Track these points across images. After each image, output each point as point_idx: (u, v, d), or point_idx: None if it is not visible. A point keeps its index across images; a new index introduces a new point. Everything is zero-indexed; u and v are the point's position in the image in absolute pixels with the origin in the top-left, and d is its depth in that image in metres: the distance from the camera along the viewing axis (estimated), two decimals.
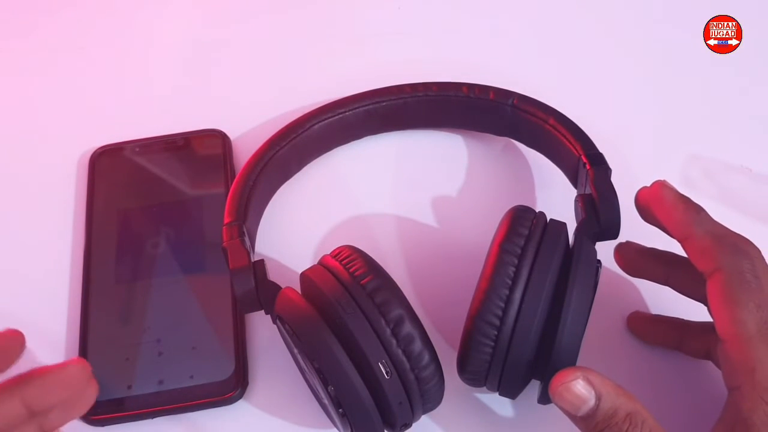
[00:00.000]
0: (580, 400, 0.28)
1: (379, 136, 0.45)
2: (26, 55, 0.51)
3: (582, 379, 0.28)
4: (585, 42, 0.51)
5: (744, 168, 0.44)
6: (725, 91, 0.48)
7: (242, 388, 0.36)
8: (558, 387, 0.29)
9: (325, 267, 0.31)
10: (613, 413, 0.28)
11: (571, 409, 0.29)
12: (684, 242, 0.32)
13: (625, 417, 0.28)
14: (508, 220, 0.32)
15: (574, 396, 0.28)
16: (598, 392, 0.28)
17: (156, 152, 0.45)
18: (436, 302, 0.39)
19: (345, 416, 0.29)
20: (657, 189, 0.33)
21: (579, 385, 0.28)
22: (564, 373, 0.29)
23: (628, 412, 0.28)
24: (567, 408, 0.29)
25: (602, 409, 0.28)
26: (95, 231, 0.41)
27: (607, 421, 0.28)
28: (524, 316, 0.30)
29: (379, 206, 0.43)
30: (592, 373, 0.29)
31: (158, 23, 0.53)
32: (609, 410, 0.28)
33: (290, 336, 0.30)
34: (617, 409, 0.28)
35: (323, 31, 0.52)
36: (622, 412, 0.28)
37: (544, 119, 0.39)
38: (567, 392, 0.29)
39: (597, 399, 0.28)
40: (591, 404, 0.28)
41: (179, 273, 0.40)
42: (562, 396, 0.29)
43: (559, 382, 0.29)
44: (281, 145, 0.40)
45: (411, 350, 0.29)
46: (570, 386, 0.28)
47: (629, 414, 0.28)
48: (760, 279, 0.29)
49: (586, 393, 0.28)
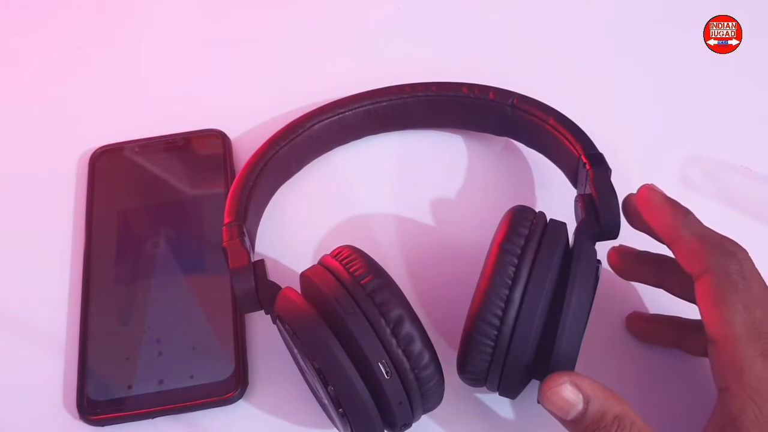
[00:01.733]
0: (568, 404, 0.29)
1: (379, 136, 0.45)
2: (25, 55, 0.51)
3: (570, 384, 0.29)
4: (585, 42, 0.51)
5: (744, 168, 0.44)
6: (725, 91, 0.48)
7: (242, 388, 0.36)
8: (546, 392, 0.29)
9: (325, 267, 0.31)
10: (601, 416, 0.29)
11: (560, 413, 0.29)
12: (672, 245, 0.32)
13: (613, 419, 0.28)
14: (507, 219, 0.32)
15: (562, 400, 0.29)
16: (586, 396, 0.29)
17: (156, 152, 0.45)
18: (436, 302, 0.39)
19: (345, 416, 0.29)
20: (644, 193, 0.33)
21: (567, 390, 0.29)
22: (552, 378, 0.29)
23: (616, 414, 0.29)
24: (556, 412, 0.29)
25: (590, 412, 0.29)
26: (95, 231, 0.41)
27: (595, 424, 0.29)
28: (524, 316, 0.30)
29: (379, 206, 0.43)
30: (580, 377, 0.29)
31: (158, 23, 0.53)
32: (597, 413, 0.29)
33: (290, 336, 0.30)
34: (605, 412, 0.29)
35: (323, 31, 0.52)
36: (610, 414, 0.29)
37: (544, 119, 0.39)
38: (555, 396, 0.29)
39: (585, 402, 0.29)
40: (579, 408, 0.29)
41: (179, 273, 0.40)
42: (551, 400, 0.29)
43: (547, 387, 0.29)
44: (281, 145, 0.40)
45: (411, 350, 0.29)
46: (558, 390, 0.29)
47: (617, 416, 0.28)
48: (747, 280, 0.29)
49: (574, 397, 0.29)
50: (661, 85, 0.49)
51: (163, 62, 0.51)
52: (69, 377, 0.37)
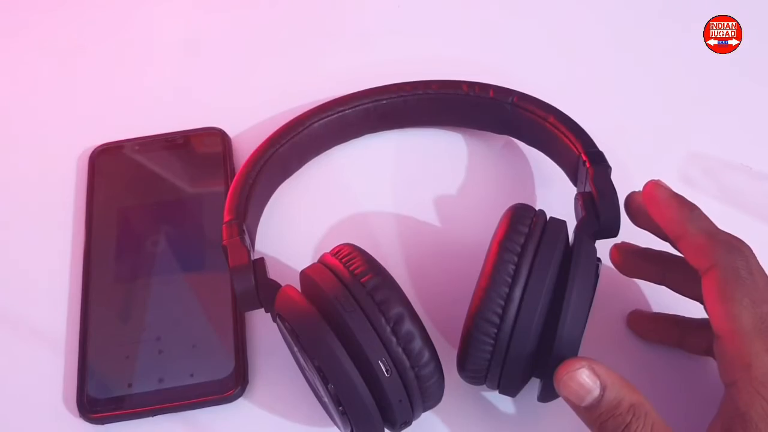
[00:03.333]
0: (585, 389, 0.28)
1: (379, 134, 0.45)
2: (24, 53, 0.51)
3: (587, 369, 0.28)
4: (585, 41, 0.51)
5: (744, 166, 0.44)
6: (725, 89, 0.48)
7: (242, 387, 0.36)
8: (563, 376, 0.29)
9: (325, 265, 0.31)
10: (617, 404, 0.28)
11: (575, 399, 0.29)
12: (678, 240, 0.32)
13: (628, 408, 0.28)
14: (507, 218, 0.32)
15: (579, 385, 0.28)
16: (603, 383, 0.28)
17: (156, 150, 0.44)
18: (436, 300, 0.39)
19: (345, 414, 0.29)
20: (650, 188, 0.33)
21: (584, 375, 0.28)
22: (569, 362, 0.29)
23: (632, 403, 0.28)
24: (571, 398, 0.29)
25: (606, 399, 0.28)
26: (95, 229, 0.41)
27: (610, 412, 0.28)
28: (524, 315, 0.30)
29: (379, 204, 0.43)
30: (598, 363, 0.29)
31: (158, 21, 0.53)
32: (613, 401, 0.28)
33: (290, 334, 0.30)
34: (621, 401, 0.28)
35: (323, 29, 0.52)
36: (625, 403, 0.28)
37: (544, 117, 0.39)
38: (572, 381, 0.28)
39: (601, 389, 0.28)
40: (595, 394, 0.28)
41: (179, 271, 0.40)
42: (567, 385, 0.29)
43: (564, 371, 0.29)
44: (281, 144, 0.40)
45: (411, 348, 0.29)
46: (575, 375, 0.28)
47: (633, 405, 0.28)
48: (754, 275, 0.29)
49: (591, 383, 0.28)
50: (661, 84, 0.49)
51: (163, 60, 0.51)
52: (69, 375, 0.37)
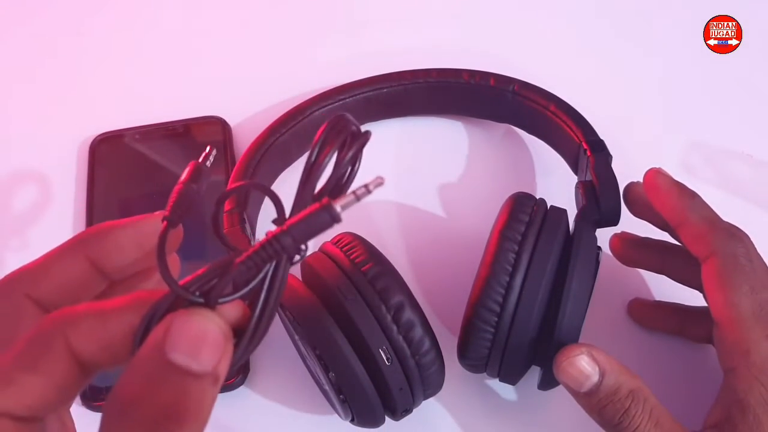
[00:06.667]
0: (584, 375, 0.28)
1: (380, 122, 0.45)
2: (25, 42, 0.51)
3: (586, 355, 0.29)
4: (587, 30, 0.51)
5: (745, 154, 0.44)
6: (725, 90, 0.48)
7: (243, 375, 0.36)
8: (562, 362, 0.29)
9: (326, 254, 0.31)
10: (616, 390, 0.28)
11: (575, 385, 0.29)
12: (679, 228, 0.32)
13: (627, 394, 0.28)
14: (508, 207, 0.32)
15: (578, 371, 0.28)
16: (602, 369, 0.28)
17: (156, 139, 0.44)
18: (437, 289, 0.39)
19: (346, 402, 0.29)
20: (651, 176, 0.33)
21: (583, 361, 0.28)
22: (569, 348, 0.29)
23: (631, 389, 0.28)
24: (570, 383, 0.29)
25: (605, 385, 0.28)
26: (95, 218, 0.41)
27: (609, 398, 0.28)
28: (524, 303, 0.30)
29: (380, 193, 0.43)
30: (597, 349, 0.29)
31: (158, 10, 0.53)
32: (612, 387, 0.28)
33: (291, 323, 0.30)
34: (620, 386, 0.28)
35: (323, 18, 0.52)
36: (624, 389, 0.28)
37: (545, 106, 0.39)
38: (571, 367, 0.29)
39: (600, 375, 0.28)
40: (594, 380, 0.28)
41: (180, 260, 0.40)
42: (566, 371, 0.29)
43: (563, 358, 0.29)
44: (281, 132, 0.39)
45: (411, 337, 0.29)
46: (574, 361, 0.28)
47: (632, 391, 0.28)
48: (753, 263, 0.29)
49: (590, 369, 0.28)
50: (662, 72, 0.48)
51: (163, 49, 0.50)
52: None
